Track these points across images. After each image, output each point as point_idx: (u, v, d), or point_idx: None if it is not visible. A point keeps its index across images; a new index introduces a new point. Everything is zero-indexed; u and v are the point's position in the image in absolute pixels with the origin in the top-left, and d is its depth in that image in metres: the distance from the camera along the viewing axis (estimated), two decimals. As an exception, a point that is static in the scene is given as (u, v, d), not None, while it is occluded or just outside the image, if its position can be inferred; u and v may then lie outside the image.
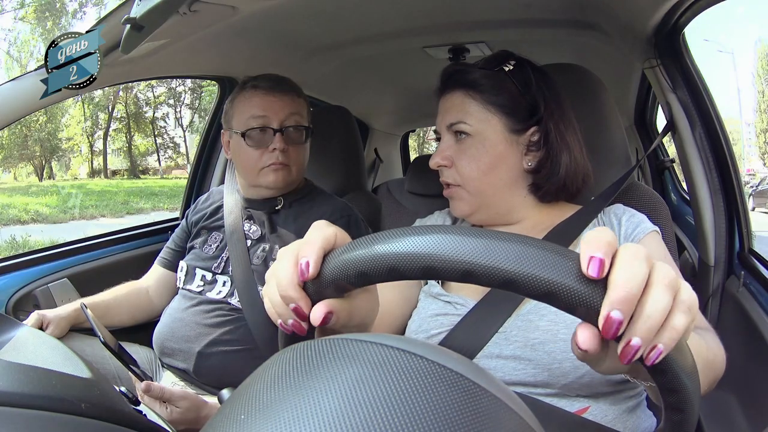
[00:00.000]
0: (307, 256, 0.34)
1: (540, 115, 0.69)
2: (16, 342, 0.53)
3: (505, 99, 0.69)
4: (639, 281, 0.29)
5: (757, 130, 11.00)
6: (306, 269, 0.34)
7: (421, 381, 0.24)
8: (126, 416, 0.40)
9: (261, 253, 1.00)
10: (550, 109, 0.70)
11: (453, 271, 0.31)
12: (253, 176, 1.02)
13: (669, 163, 1.84)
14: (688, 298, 0.30)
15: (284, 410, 0.23)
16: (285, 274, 0.35)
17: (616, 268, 0.29)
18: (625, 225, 0.67)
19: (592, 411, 0.59)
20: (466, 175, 0.70)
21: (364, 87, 1.80)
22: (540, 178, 0.71)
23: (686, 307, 0.29)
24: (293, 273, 0.35)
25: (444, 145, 0.73)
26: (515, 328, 0.62)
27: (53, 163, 14.96)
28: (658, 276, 0.30)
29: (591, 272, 0.29)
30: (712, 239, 0.98)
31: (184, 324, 0.98)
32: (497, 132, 0.69)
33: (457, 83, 0.72)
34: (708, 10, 0.87)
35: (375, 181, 2.26)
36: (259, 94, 1.00)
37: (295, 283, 0.35)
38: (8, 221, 8.93)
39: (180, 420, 0.79)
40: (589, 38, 1.19)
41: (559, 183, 0.70)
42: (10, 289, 1.08)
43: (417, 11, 1.14)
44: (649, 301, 0.29)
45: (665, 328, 0.29)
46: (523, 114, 0.70)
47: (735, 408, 0.85)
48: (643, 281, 0.29)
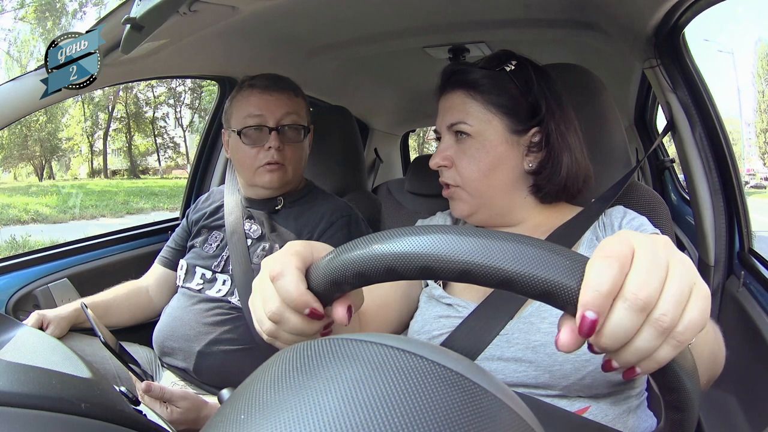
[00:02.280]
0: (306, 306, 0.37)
1: (541, 116, 0.69)
2: (16, 342, 0.53)
3: (506, 99, 0.69)
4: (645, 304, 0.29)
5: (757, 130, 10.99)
6: (318, 312, 0.37)
7: (421, 381, 0.24)
8: (126, 416, 0.40)
9: (261, 252, 1.00)
10: (551, 109, 0.69)
11: (450, 271, 0.31)
12: (250, 175, 1.02)
13: (669, 163, 1.84)
14: (683, 331, 0.29)
15: (284, 410, 0.23)
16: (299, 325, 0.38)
17: (632, 273, 0.30)
18: (625, 228, 0.67)
19: (592, 411, 0.59)
20: (466, 175, 0.70)
21: (364, 87, 1.80)
22: (541, 179, 0.70)
23: (677, 342, 0.30)
24: (305, 319, 0.37)
25: (444, 145, 0.72)
26: (516, 330, 0.61)
27: (53, 163, 14.95)
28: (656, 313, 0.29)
29: (583, 332, 0.29)
30: (712, 239, 0.98)
31: (184, 323, 0.98)
32: (498, 133, 0.69)
33: (458, 83, 0.71)
34: (708, 10, 0.87)
35: (375, 181, 2.26)
36: (256, 93, 1.00)
37: (312, 322, 0.38)
38: (8, 221, 8.93)
39: (180, 420, 0.79)
40: (589, 38, 1.19)
41: (560, 184, 0.70)
42: (10, 289, 1.08)
43: (417, 11, 1.14)
44: (638, 339, 0.30)
45: (650, 359, 0.30)
46: (524, 114, 0.69)
47: (735, 408, 0.85)
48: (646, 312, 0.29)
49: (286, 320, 0.37)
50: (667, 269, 0.30)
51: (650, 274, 0.29)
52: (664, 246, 0.31)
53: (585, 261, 0.30)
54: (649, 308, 0.29)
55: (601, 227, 0.69)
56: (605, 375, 0.58)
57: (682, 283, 0.30)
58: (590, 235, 0.68)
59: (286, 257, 0.37)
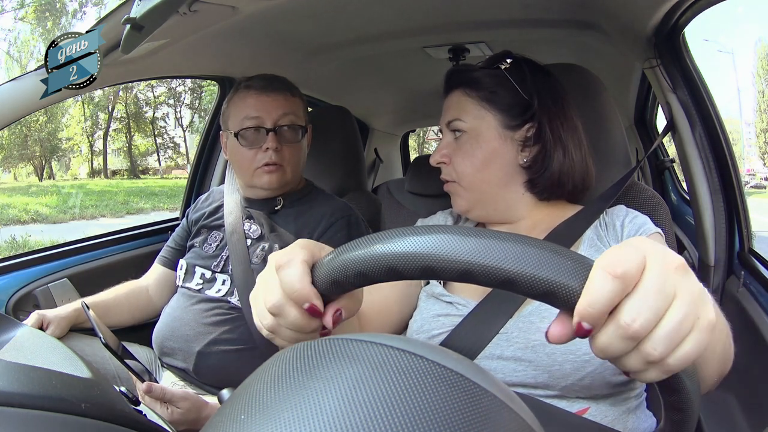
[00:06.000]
0: (306, 299, 0.37)
1: (533, 110, 0.70)
2: (16, 342, 0.53)
3: (500, 96, 0.70)
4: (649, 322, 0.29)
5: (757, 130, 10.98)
6: (317, 308, 0.37)
7: (421, 381, 0.24)
8: (126, 416, 0.40)
9: (260, 252, 1.00)
10: (544, 104, 0.70)
11: (451, 271, 0.31)
12: (249, 177, 1.02)
13: (669, 163, 1.84)
14: (673, 363, 0.29)
15: (284, 410, 0.23)
16: (298, 320, 0.37)
17: (632, 298, 0.29)
18: (627, 227, 0.67)
19: (591, 412, 0.59)
20: (461, 171, 0.72)
21: (364, 87, 1.80)
22: (533, 173, 0.71)
23: (665, 370, 0.30)
24: (304, 314, 0.37)
25: (443, 143, 0.74)
26: (516, 329, 0.62)
27: (53, 163, 14.95)
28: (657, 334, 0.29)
29: (579, 336, 0.30)
30: (712, 239, 0.98)
31: (184, 323, 0.98)
32: (491, 128, 0.70)
33: (457, 83, 0.73)
34: (708, 10, 0.87)
35: (375, 181, 2.26)
36: (252, 94, 1.00)
37: (310, 319, 0.38)
38: (8, 221, 8.92)
39: (181, 420, 0.79)
40: (589, 38, 1.19)
41: (552, 179, 0.70)
42: (10, 289, 1.08)
43: (417, 11, 1.14)
44: (626, 360, 0.30)
45: (638, 375, 0.31)
46: (519, 110, 0.70)
47: (735, 408, 0.85)
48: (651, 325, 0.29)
49: (285, 314, 0.37)
50: (672, 300, 0.29)
51: (650, 303, 0.29)
52: (676, 271, 0.30)
53: (586, 262, 0.30)
54: (640, 338, 0.29)
55: (602, 226, 0.69)
56: (604, 375, 0.58)
57: (682, 318, 0.29)
58: (591, 233, 0.68)
59: (295, 249, 0.38)
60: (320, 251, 0.39)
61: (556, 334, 0.31)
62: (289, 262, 0.37)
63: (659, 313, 0.29)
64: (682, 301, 0.29)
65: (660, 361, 0.29)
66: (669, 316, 0.29)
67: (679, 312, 0.29)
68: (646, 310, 0.28)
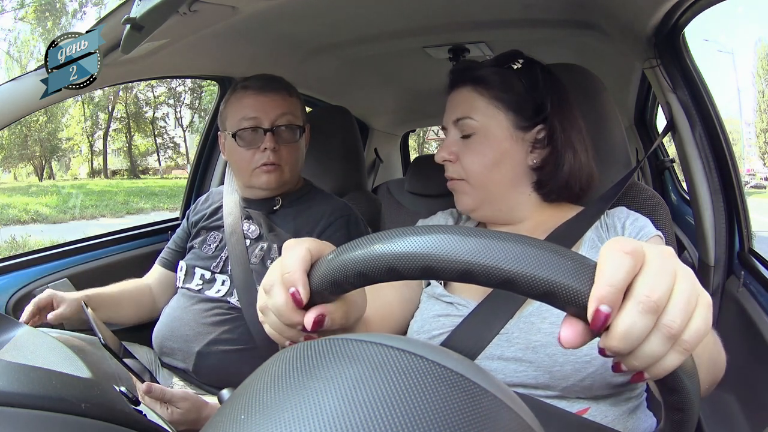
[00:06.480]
0: (293, 284, 0.36)
1: (546, 113, 0.70)
2: (16, 342, 0.53)
3: (512, 96, 0.69)
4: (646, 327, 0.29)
5: (757, 130, 10.98)
6: (299, 296, 0.36)
7: (421, 381, 0.24)
8: (126, 416, 0.40)
9: (259, 252, 1.00)
10: (556, 108, 0.70)
11: (452, 271, 0.31)
12: (247, 177, 1.02)
13: (669, 163, 1.84)
14: (689, 339, 0.30)
15: (284, 410, 0.23)
16: (281, 304, 0.37)
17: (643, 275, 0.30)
18: (628, 229, 0.67)
19: (592, 412, 0.59)
20: (470, 170, 0.71)
21: (364, 87, 1.80)
22: (544, 175, 0.71)
23: (683, 349, 0.30)
24: (288, 300, 0.37)
25: (450, 140, 0.73)
26: (517, 329, 0.62)
27: (53, 163, 14.95)
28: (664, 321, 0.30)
29: (597, 326, 0.29)
30: (712, 239, 0.98)
31: (184, 323, 0.98)
32: (503, 128, 0.70)
33: (466, 79, 0.72)
34: (708, 10, 0.87)
35: (375, 181, 2.26)
36: (249, 95, 1.00)
37: (293, 308, 0.37)
38: (8, 221, 8.92)
39: (181, 421, 0.79)
40: (589, 38, 1.19)
41: (562, 181, 0.70)
42: (10, 289, 1.08)
43: (417, 11, 1.14)
44: (647, 344, 0.30)
45: (657, 365, 0.30)
46: (530, 111, 0.70)
47: (735, 408, 0.85)
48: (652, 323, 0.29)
49: (274, 294, 0.38)
50: (675, 277, 0.30)
51: (660, 278, 0.30)
52: (671, 255, 0.32)
53: (586, 262, 0.30)
54: (659, 311, 0.29)
55: (603, 227, 0.69)
56: (605, 376, 0.58)
57: (689, 291, 0.30)
58: (592, 234, 0.68)
59: (306, 238, 0.39)
60: (326, 249, 0.39)
61: (570, 337, 0.30)
62: (296, 245, 0.38)
63: (670, 287, 0.30)
64: (684, 278, 0.30)
65: (678, 337, 0.29)
66: (677, 288, 0.30)
67: (685, 286, 0.30)
68: (660, 283, 0.29)
